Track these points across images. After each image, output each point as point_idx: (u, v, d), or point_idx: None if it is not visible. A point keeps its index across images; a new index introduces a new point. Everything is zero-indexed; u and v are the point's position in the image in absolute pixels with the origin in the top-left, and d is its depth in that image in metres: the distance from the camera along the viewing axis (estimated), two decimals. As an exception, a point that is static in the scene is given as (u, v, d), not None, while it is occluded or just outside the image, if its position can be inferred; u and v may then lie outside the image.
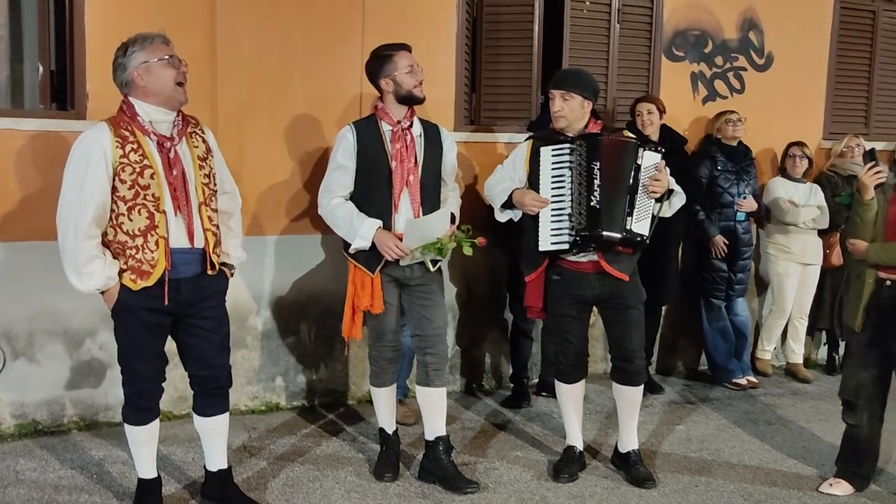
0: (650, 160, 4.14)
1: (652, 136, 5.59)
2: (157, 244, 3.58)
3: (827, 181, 6.66)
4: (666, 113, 5.81)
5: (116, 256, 3.59)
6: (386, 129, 4.19)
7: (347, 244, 4.22)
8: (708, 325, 6.37)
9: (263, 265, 5.32)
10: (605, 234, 4.09)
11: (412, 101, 4.20)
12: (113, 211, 3.57)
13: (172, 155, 3.62)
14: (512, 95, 5.97)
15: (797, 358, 6.76)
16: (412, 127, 4.23)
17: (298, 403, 5.50)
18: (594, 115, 4.38)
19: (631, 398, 4.52)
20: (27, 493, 4.13)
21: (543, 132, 4.49)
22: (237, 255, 3.99)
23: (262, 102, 5.17)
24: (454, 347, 5.88)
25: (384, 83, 4.21)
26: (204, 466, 4.04)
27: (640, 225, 4.14)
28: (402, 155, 4.16)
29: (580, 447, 4.63)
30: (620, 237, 4.11)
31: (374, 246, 4.12)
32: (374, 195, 4.16)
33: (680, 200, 4.33)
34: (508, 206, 4.34)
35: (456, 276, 5.82)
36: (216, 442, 3.96)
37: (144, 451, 3.86)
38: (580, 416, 4.64)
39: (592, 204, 4.08)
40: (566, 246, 4.16)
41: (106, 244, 3.60)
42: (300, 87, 5.28)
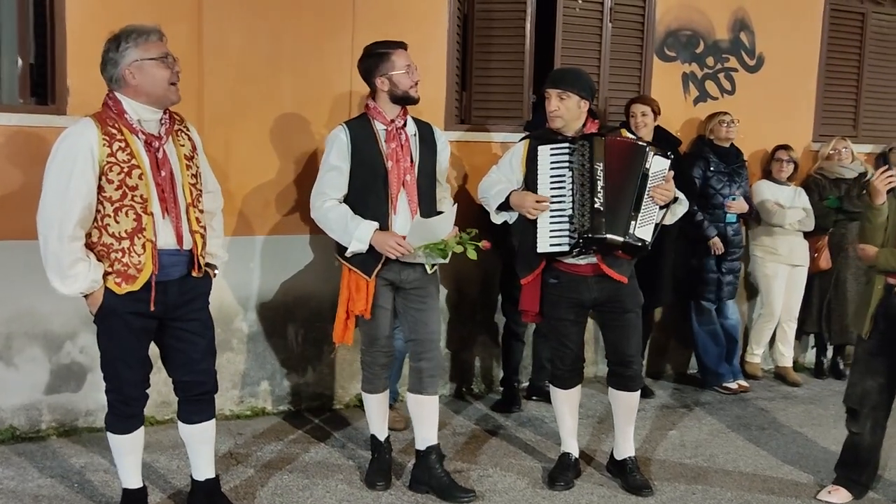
0: (659, 166, 4.05)
1: (645, 137, 5.51)
2: (143, 247, 3.44)
3: (814, 184, 6.62)
4: (661, 114, 5.74)
5: (101, 259, 3.45)
6: (380, 128, 4.06)
7: (341, 247, 4.08)
8: (698, 328, 6.30)
9: (250, 266, 5.18)
10: (608, 236, 3.99)
11: (407, 101, 4.08)
12: (98, 212, 3.43)
13: (161, 155, 3.48)
14: (503, 94, 5.87)
15: (786, 361, 6.72)
16: (406, 126, 4.11)
17: (284, 408, 5.37)
18: (591, 114, 4.28)
19: (628, 404, 4.44)
20: (5, 503, 3.97)
21: (540, 132, 4.38)
22: (221, 255, 3.86)
23: (249, 100, 5.03)
24: (444, 350, 5.76)
25: (379, 82, 4.08)
26: (190, 475, 3.90)
27: (643, 230, 4.05)
28: (397, 155, 4.03)
29: (576, 454, 4.53)
30: (622, 241, 4.01)
31: (370, 248, 3.99)
32: (369, 197, 4.04)
33: (683, 208, 4.25)
34: (504, 208, 4.23)
35: (446, 278, 5.71)
36: (203, 450, 3.82)
37: (129, 459, 3.72)
38: (576, 421, 4.54)
39: (596, 206, 3.98)
40: (566, 248, 4.06)
41: (89, 246, 3.45)
42: (289, 84, 5.15)
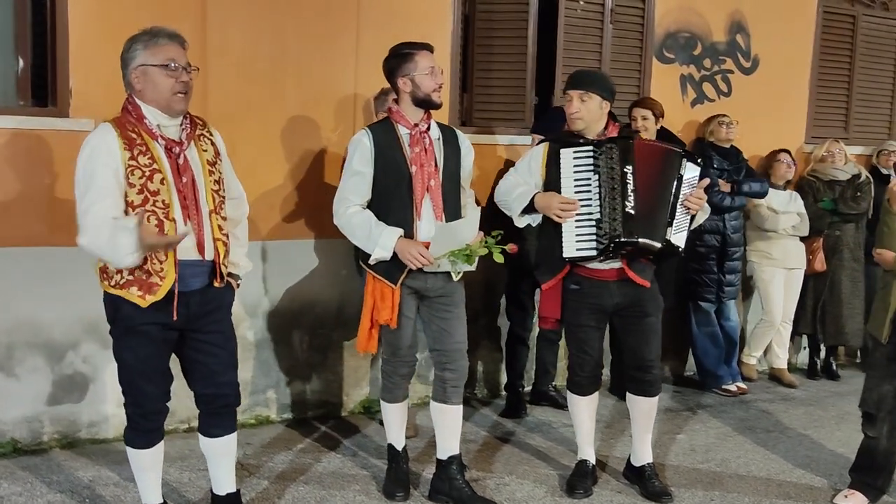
0: (691, 172, 4.04)
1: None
2: (166, 254, 3.32)
3: (808, 186, 6.66)
4: (664, 117, 5.72)
5: (120, 270, 3.31)
6: (403, 132, 3.97)
7: (364, 254, 3.99)
8: (697, 329, 6.30)
9: (254, 272, 5.00)
10: (640, 240, 3.94)
11: (429, 105, 3.98)
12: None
13: (182, 161, 3.36)
14: (506, 96, 5.81)
15: (781, 363, 6.74)
16: (430, 130, 4.03)
17: (290, 416, 5.26)
18: (612, 117, 4.24)
19: (647, 410, 4.40)
20: (16, 520, 3.85)
21: (560, 134, 4.32)
22: (244, 265, 3.75)
23: (253, 101, 4.92)
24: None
25: (402, 82, 3.99)
26: (210, 490, 3.78)
27: (678, 237, 4.02)
28: (421, 159, 3.94)
29: (593, 461, 4.48)
30: (660, 247, 3.97)
31: (394, 255, 3.90)
32: (393, 202, 3.94)
33: (704, 215, 4.23)
34: (528, 211, 4.16)
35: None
36: (224, 463, 3.71)
37: (149, 475, 3.60)
38: (593, 428, 4.49)
39: (627, 209, 3.92)
40: (593, 252, 3.99)
41: None
42: (293, 85, 5.04)
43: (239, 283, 3.69)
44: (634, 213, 3.92)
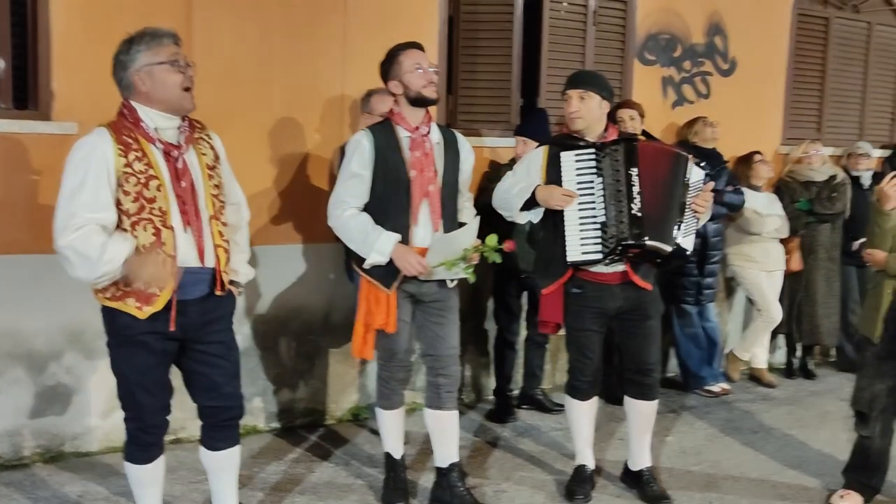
0: (696, 176, 4.03)
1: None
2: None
3: (785, 187, 6.70)
4: (645, 117, 5.73)
5: (116, 281, 3.19)
6: (403, 135, 3.90)
7: (359, 258, 3.91)
8: (680, 331, 6.31)
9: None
10: (648, 242, 3.91)
11: (423, 102, 3.91)
12: (118, 227, 3.18)
13: (181, 165, 3.26)
14: (491, 98, 5.76)
15: (761, 363, 6.78)
16: (430, 133, 3.96)
17: (277, 425, 5.16)
18: (611, 119, 4.22)
19: (646, 413, 4.39)
20: (5, 539, 3.71)
21: (559, 137, 4.28)
22: (245, 272, 3.64)
23: (239, 103, 4.80)
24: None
25: (393, 86, 3.94)
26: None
27: (686, 240, 4.01)
28: (421, 164, 3.87)
29: (592, 466, 4.45)
30: (671, 250, 3.95)
31: (390, 261, 3.83)
32: (390, 206, 3.87)
33: (705, 219, 4.22)
34: (529, 206, 4.09)
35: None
36: (227, 478, 3.59)
37: (150, 491, 3.48)
38: (592, 433, 4.46)
39: (634, 211, 3.90)
40: (599, 256, 3.96)
41: None
42: (279, 87, 4.94)
43: (240, 290, 3.59)
44: (641, 215, 3.90)
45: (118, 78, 3.27)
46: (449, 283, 4.00)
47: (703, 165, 4.09)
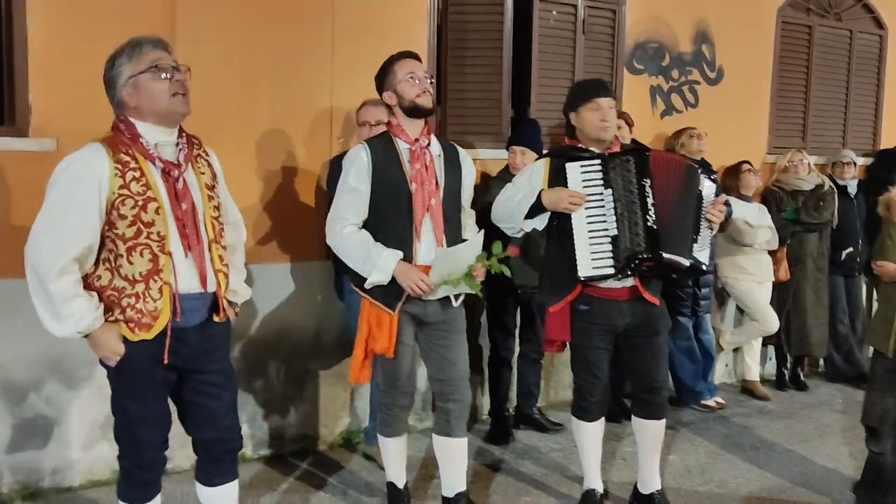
0: (708, 188, 3.90)
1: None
2: (160, 291, 3.00)
3: (772, 196, 6.62)
4: (633, 127, 5.61)
5: (111, 306, 2.99)
6: (403, 147, 3.72)
7: (359, 278, 3.71)
8: (673, 345, 6.17)
9: (228, 299, 4.73)
10: (665, 256, 3.77)
11: (419, 111, 3.73)
12: (111, 251, 2.98)
13: (181, 186, 3.05)
14: (481, 109, 5.59)
15: (753, 375, 6.68)
16: (430, 145, 3.79)
17: (266, 453, 4.92)
18: None
19: (655, 433, 4.25)
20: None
21: (560, 149, 4.12)
22: (242, 292, 3.45)
23: (224, 116, 4.58)
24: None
25: (387, 97, 3.77)
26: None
27: (702, 254, 3.87)
28: (422, 176, 3.69)
29: (601, 490, 4.29)
30: (689, 264, 3.82)
31: (392, 280, 3.64)
32: (391, 222, 3.69)
33: (715, 230, 4.09)
34: (533, 213, 3.92)
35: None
36: (224, 515, 3.39)
37: (148, 533, 3.25)
38: (600, 455, 4.30)
39: (649, 224, 3.75)
40: (611, 270, 3.80)
41: (99, 291, 2.99)
42: (266, 100, 4.74)
43: (237, 310, 3.39)
44: (657, 227, 3.75)
45: (111, 97, 3.07)
46: (454, 301, 3.82)
47: (713, 178, 3.97)
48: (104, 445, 4.41)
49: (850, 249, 6.86)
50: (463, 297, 3.85)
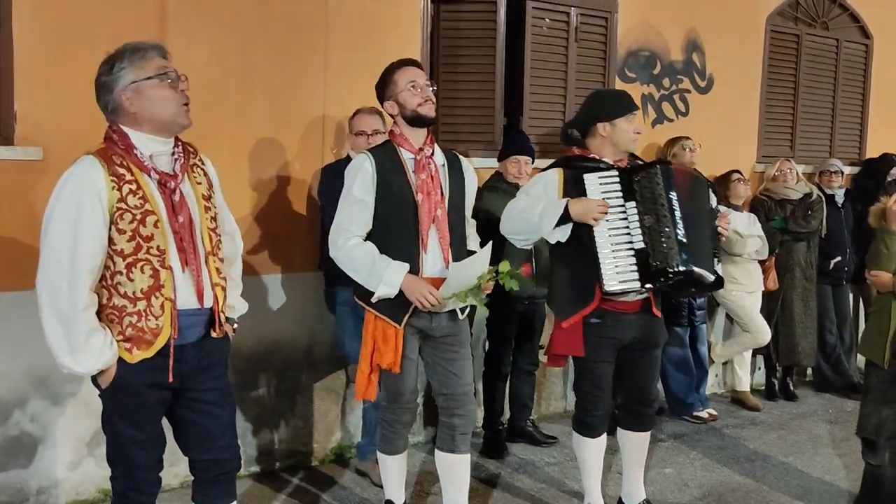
0: (714, 201, 3.85)
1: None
2: (162, 307, 2.88)
3: (760, 205, 6.60)
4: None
5: (109, 325, 2.87)
6: (407, 157, 3.63)
7: (365, 291, 3.61)
8: (666, 355, 6.11)
9: (218, 312, 4.60)
10: (696, 270, 3.70)
11: (421, 120, 3.64)
12: (108, 269, 2.85)
13: (178, 197, 2.94)
14: (473, 117, 5.52)
15: (744, 385, 6.63)
16: (434, 155, 3.70)
17: (257, 469, 4.80)
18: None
19: (642, 445, 4.26)
20: None
21: (571, 159, 4.03)
22: (240, 307, 3.34)
23: (216, 123, 4.45)
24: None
25: (389, 106, 3.68)
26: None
27: (719, 267, 3.83)
28: (427, 187, 3.60)
29: (601, 506, 4.23)
30: (714, 278, 3.76)
31: (399, 293, 3.54)
32: (396, 233, 3.59)
33: None
34: (562, 222, 3.78)
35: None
36: (224, 538, 3.27)
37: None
38: (601, 471, 4.23)
39: (680, 237, 3.68)
40: (637, 284, 3.72)
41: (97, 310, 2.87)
42: (259, 107, 4.63)
43: (235, 326, 3.27)
44: (686, 241, 3.69)
45: (104, 103, 2.92)
46: (459, 314, 3.73)
47: (715, 191, 3.94)
48: (90, 464, 4.28)
49: (838, 258, 6.84)
50: (468, 309, 3.76)
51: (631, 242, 3.73)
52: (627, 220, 3.74)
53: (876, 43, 7.57)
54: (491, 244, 3.68)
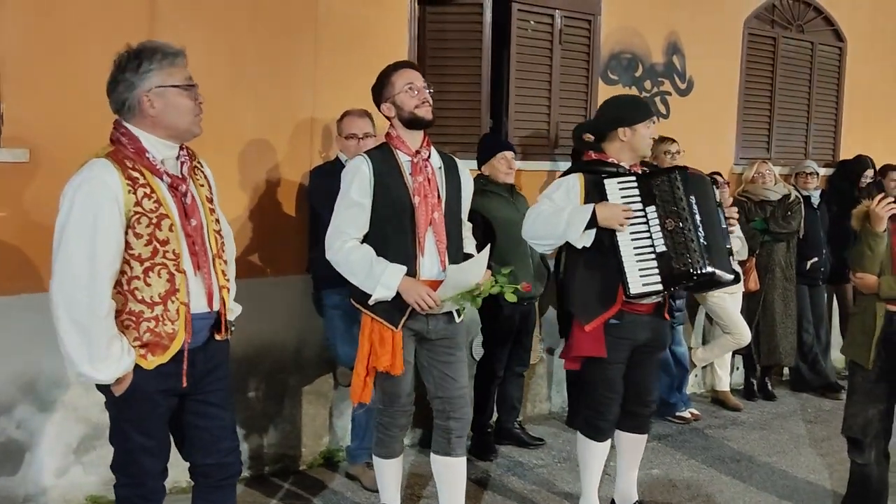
0: (717, 195, 3.90)
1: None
2: (178, 312, 2.86)
3: (740, 207, 6.61)
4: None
5: (125, 332, 2.82)
6: (404, 159, 3.61)
7: (362, 294, 3.58)
8: (648, 357, 6.15)
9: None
10: (717, 272, 3.76)
11: (418, 122, 3.62)
12: (124, 274, 2.80)
13: (189, 200, 2.91)
14: (459, 119, 5.51)
15: (724, 385, 6.69)
16: (431, 157, 3.68)
17: (246, 474, 4.73)
18: (584, 143, 4.14)
19: (639, 447, 4.29)
20: None
21: (589, 163, 4.04)
22: (237, 310, 3.30)
23: (208, 125, 4.38)
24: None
25: (385, 108, 3.66)
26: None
27: (736, 264, 3.90)
28: (424, 189, 3.58)
29: (599, 509, 4.24)
30: (733, 278, 3.84)
31: (396, 295, 3.52)
32: (393, 236, 3.57)
33: None
34: (588, 227, 3.80)
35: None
36: (226, 545, 3.23)
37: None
38: (601, 474, 4.24)
39: (701, 240, 3.74)
40: (659, 287, 3.76)
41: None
42: (248, 109, 4.59)
43: (233, 329, 3.23)
44: (708, 243, 3.76)
45: (120, 98, 2.84)
46: (456, 317, 3.72)
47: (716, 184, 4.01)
48: (78, 470, 4.21)
49: (814, 259, 6.91)
50: (465, 311, 3.75)
51: (653, 246, 3.77)
52: (648, 224, 3.79)
53: (849, 46, 7.68)
54: (489, 248, 3.67)
